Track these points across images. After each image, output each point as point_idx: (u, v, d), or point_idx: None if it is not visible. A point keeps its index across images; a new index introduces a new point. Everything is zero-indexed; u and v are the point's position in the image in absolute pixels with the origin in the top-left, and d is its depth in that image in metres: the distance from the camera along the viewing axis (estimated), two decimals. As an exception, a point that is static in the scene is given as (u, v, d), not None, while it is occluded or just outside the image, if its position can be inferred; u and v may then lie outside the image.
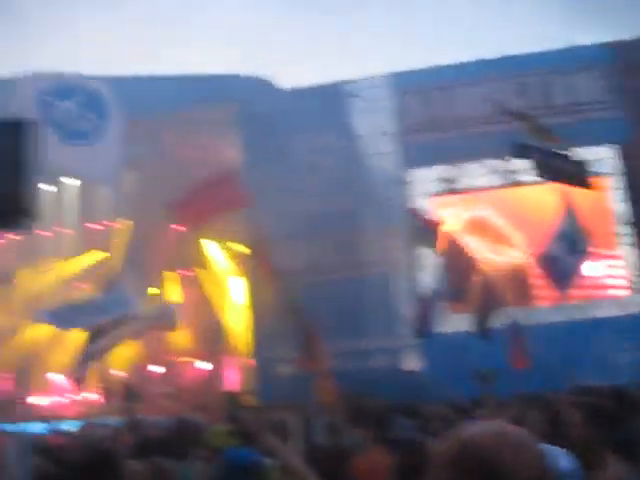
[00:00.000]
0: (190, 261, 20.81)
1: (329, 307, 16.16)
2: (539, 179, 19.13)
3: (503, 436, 1.17)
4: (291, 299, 13.80)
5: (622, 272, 19.14)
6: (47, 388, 21.69)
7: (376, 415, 3.81)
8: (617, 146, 19.55)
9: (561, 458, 2.80)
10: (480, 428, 1.21)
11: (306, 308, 13.32)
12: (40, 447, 6.20)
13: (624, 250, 19.27)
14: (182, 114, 18.78)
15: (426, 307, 13.45)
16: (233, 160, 19.46)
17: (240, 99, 19.25)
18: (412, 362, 18.67)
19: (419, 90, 19.67)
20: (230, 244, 20.54)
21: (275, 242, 18.54)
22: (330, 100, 19.23)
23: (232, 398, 17.22)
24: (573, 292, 14.94)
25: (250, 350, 19.99)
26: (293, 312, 13.29)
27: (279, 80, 20.70)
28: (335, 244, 19.06)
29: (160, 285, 20.91)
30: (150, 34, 37.20)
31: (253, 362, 20.13)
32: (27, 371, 20.97)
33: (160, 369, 22.04)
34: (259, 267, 15.34)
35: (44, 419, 16.21)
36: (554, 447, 2.83)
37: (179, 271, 21.28)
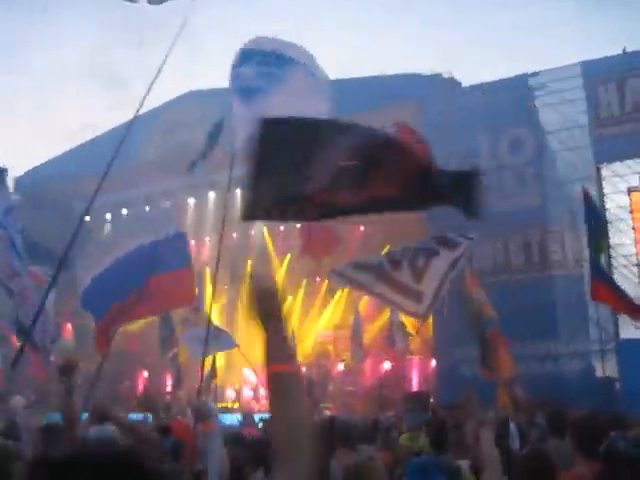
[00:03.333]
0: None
1: (516, 308, 15.70)
2: None
3: None
4: (476, 302, 13.56)
5: None
6: (241, 382, 22.95)
7: (586, 425, 3.63)
8: None
9: None
10: None
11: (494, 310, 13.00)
12: (234, 438, 6.54)
13: None
14: (366, 113, 19.10)
15: None
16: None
17: (422, 97, 19.26)
18: (606, 367, 17.74)
19: (612, 78, 18.53)
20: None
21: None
22: (516, 94, 18.70)
23: (416, 398, 17.30)
24: None
25: (432, 351, 19.97)
26: (476, 316, 13.04)
27: (460, 77, 20.44)
28: (523, 243, 18.55)
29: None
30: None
31: (435, 363, 20.10)
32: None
33: (342, 366, 22.60)
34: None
35: (238, 411, 17.21)
36: None
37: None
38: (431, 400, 17.60)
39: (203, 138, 18.29)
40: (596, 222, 11.85)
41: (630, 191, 18.32)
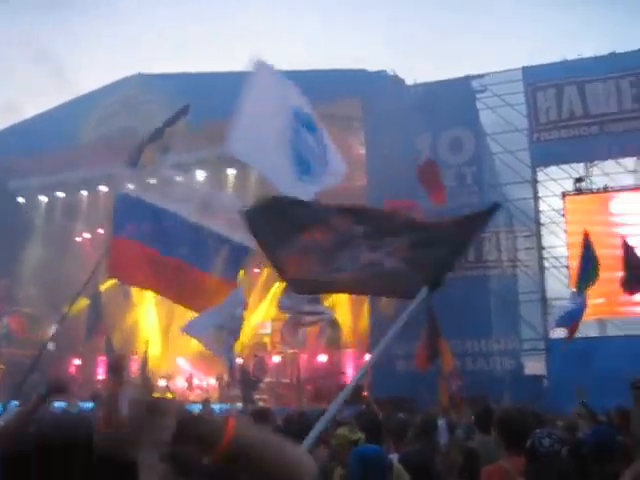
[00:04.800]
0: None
1: (451, 306, 15.98)
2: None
3: None
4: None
5: None
6: (174, 372, 22.69)
7: (511, 421, 3.73)
8: None
9: None
10: None
11: (429, 305, 13.22)
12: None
13: None
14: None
15: None
16: (357, 156, 19.66)
17: (365, 94, 19.36)
18: (536, 366, 18.25)
19: (551, 84, 19.04)
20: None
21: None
22: (459, 95, 18.98)
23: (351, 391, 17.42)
24: None
25: (368, 345, 20.15)
26: (415, 308, 13.22)
27: (405, 75, 20.59)
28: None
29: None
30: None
31: (369, 357, 20.25)
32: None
33: (278, 358, 22.58)
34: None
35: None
36: None
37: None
38: (365, 393, 17.83)
39: (148, 123, 17.95)
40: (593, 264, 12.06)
41: (564, 195, 18.86)
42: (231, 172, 22.30)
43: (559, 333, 18.46)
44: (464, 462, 3.50)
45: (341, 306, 21.55)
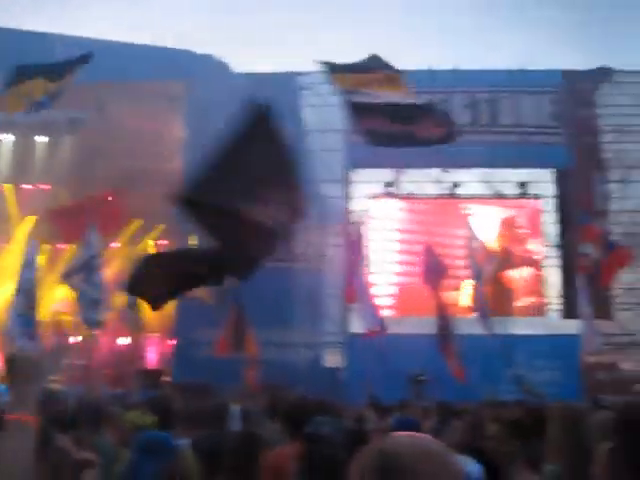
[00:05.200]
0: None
1: (257, 296, 16.22)
2: (479, 193, 19.81)
3: (424, 449, 1.20)
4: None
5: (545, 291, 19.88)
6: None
7: (294, 409, 3.91)
8: (553, 170, 20.32)
9: (472, 469, 3.00)
10: (401, 440, 1.23)
11: (236, 293, 13.37)
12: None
13: (550, 271, 20.02)
14: (132, 85, 18.44)
15: None
16: (176, 138, 19.34)
17: (191, 76, 19.06)
18: (334, 359, 18.97)
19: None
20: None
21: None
22: (282, 90, 19.17)
23: (148, 375, 17.20)
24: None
25: (171, 330, 19.90)
26: (221, 296, 13.34)
27: (234, 62, 20.48)
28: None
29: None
30: None
31: (172, 342, 20.04)
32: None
33: (77, 339, 21.64)
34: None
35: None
36: (467, 458, 3.02)
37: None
38: (166, 379, 17.66)
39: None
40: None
41: (373, 197, 19.81)
42: (41, 139, 21.05)
43: (358, 328, 19.40)
44: (244, 446, 3.61)
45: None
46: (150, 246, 21.09)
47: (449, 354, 12.37)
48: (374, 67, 9.56)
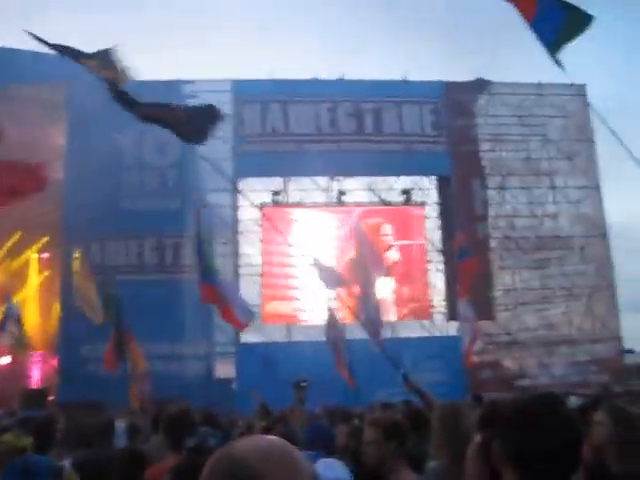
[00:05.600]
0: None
1: (147, 308, 15.94)
2: (365, 201, 20.23)
3: (273, 452, 1.20)
4: (106, 297, 13.50)
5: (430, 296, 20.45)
6: None
7: (178, 422, 3.87)
8: (436, 178, 21.05)
9: (341, 474, 3.08)
10: (250, 444, 1.22)
11: (122, 307, 13.06)
12: None
13: (434, 276, 20.65)
14: (9, 89, 17.64)
15: None
16: (57, 145, 18.68)
17: (71, 80, 18.41)
18: (226, 370, 18.83)
19: (257, 100, 19.97)
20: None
21: (96, 238, 18.07)
22: (169, 97, 18.88)
23: (31, 395, 16.50)
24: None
25: (55, 347, 19.17)
26: (106, 310, 13.01)
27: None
28: (158, 244, 18.81)
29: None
30: None
31: (57, 360, 19.30)
32: None
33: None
34: (73, 261, 14.86)
35: None
36: (337, 462, 3.09)
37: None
38: (50, 398, 16.97)
39: None
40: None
41: (262, 206, 19.84)
42: None
43: (249, 338, 19.35)
44: (127, 465, 3.55)
45: (30, 303, 20.21)
46: (32, 259, 20.28)
47: (338, 360, 12.53)
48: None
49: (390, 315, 18.86)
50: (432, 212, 21.35)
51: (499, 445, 1.74)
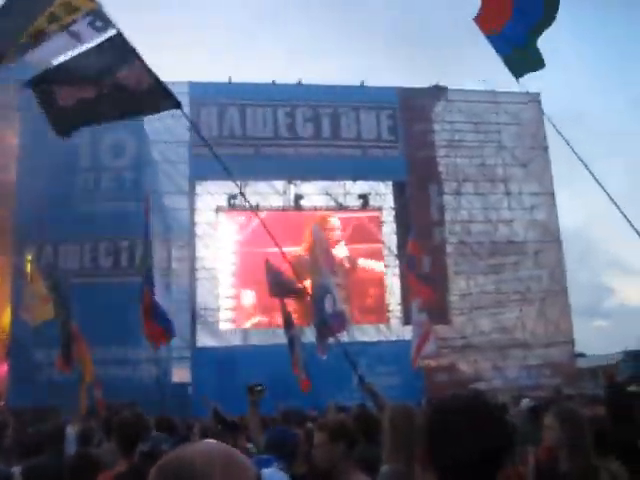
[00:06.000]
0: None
1: (101, 312, 15.73)
2: (321, 205, 20.29)
3: (218, 456, 1.23)
4: (55, 299, 13.28)
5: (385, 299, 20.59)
6: None
7: (131, 427, 3.83)
8: (392, 183, 21.24)
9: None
10: (196, 448, 1.25)
11: (73, 311, 12.87)
12: None
13: (390, 280, 20.78)
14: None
15: None
16: (11, 146, 18.35)
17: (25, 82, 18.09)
18: (182, 374, 18.68)
19: (215, 102, 19.89)
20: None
21: (49, 240, 17.79)
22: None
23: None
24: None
25: (6, 352, 18.77)
26: (58, 314, 12.80)
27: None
28: (113, 247, 18.58)
29: None
30: None
31: (7, 364, 18.91)
32: None
33: None
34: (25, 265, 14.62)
35: None
36: (271, 470, 3.10)
37: None
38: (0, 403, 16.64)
39: None
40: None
41: (218, 210, 19.77)
42: None
43: (205, 342, 19.24)
44: (77, 470, 3.50)
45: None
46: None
47: (295, 364, 12.54)
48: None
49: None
50: (388, 217, 21.52)
51: (421, 450, 1.70)
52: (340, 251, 20.10)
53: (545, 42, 7.28)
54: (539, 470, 3.77)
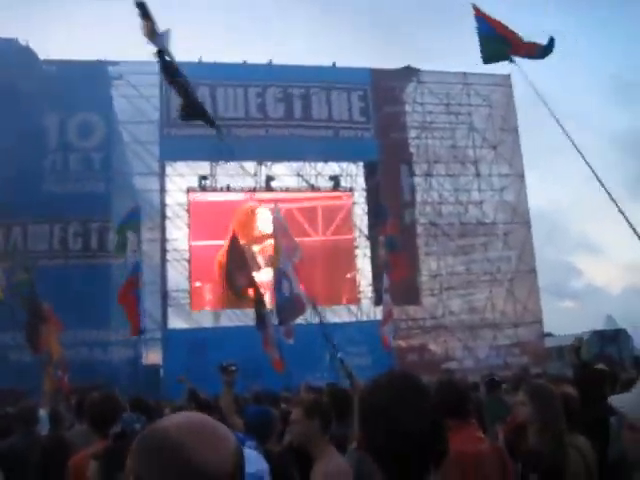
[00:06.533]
0: None
1: (70, 294, 15.59)
2: (293, 186, 20.25)
3: (194, 425, 1.21)
4: (23, 282, 13.16)
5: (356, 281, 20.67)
6: None
7: (103, 408, 3.84)
8: (363, 164, 21.28)
9: (254, 464, 3.14)
10: (172, 419, 1.24)
11: (42, 293, 12.76)
12: None
13: (361, 261, 20.87)
14: None
15: None
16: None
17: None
18: (154, 356, 18.64)
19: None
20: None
21: (17, 221, 17.58)
22: (93, 79, 18.49)
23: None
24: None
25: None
26: (24, 296, 12.69)
27: (41, 48, 19.38)
28: (82, 229, 18.39)
29: None
30: None
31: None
32: None
33: None
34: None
35: None
36: (248, 452, 3.13)
37: None
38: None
39: None
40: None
41: (189, 191, 19.66)
42: None
43: (177, 324, 19.19)
44: (50, 452, 3.51)
45: None
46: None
47: (266, 342, 12.55)
48: None
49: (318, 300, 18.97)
50: (360, 198, 21.58)
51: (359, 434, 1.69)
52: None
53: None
54: (507, 446, 3.85)
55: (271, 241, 16.18)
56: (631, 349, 22.14)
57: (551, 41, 8.00)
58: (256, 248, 19.25)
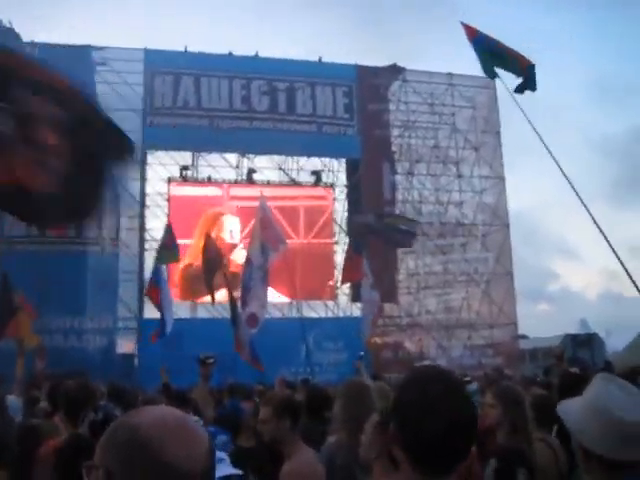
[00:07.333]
0: None
1: (47, 280, 15.46)
2: (274, 180, 20.24)
3: (166, 419, 1.21)
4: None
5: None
6: None
7: (77, 396, 3.85)
8: (345, 160, 21.31)
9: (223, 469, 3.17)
10: (144, 412, 1.23)
11: (17, 279, 12.63)
12: None
13: (340, 257, 20.88)
14: None
15: None
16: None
17: (-29, 42, 17.55)
18: (128, 345, 18.57)
19: (170, 72, 19.57)
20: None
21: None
22: (77, 63, 18.26)
23: None
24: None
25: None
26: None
27: (24, 30, 19.15)
28: (60, 215, 18.20)
29: None
30: None
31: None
32: None
33: None
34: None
35: None
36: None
37: None
38: None
39: None
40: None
41: (170, 181, 19.58)
42: None
43: (153, 313, 19.10)
44: (20, 440, 3.51)
45: None
46: None
47: (239, 347, 12.45)
48: None
49: (294, 295, 18.97)
50: (341, 194, 21.63)
51: (393, 428, 1.61)
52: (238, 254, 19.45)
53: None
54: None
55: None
56: (603, 353, 22.41)
57: (532, 68, 8.31)
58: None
